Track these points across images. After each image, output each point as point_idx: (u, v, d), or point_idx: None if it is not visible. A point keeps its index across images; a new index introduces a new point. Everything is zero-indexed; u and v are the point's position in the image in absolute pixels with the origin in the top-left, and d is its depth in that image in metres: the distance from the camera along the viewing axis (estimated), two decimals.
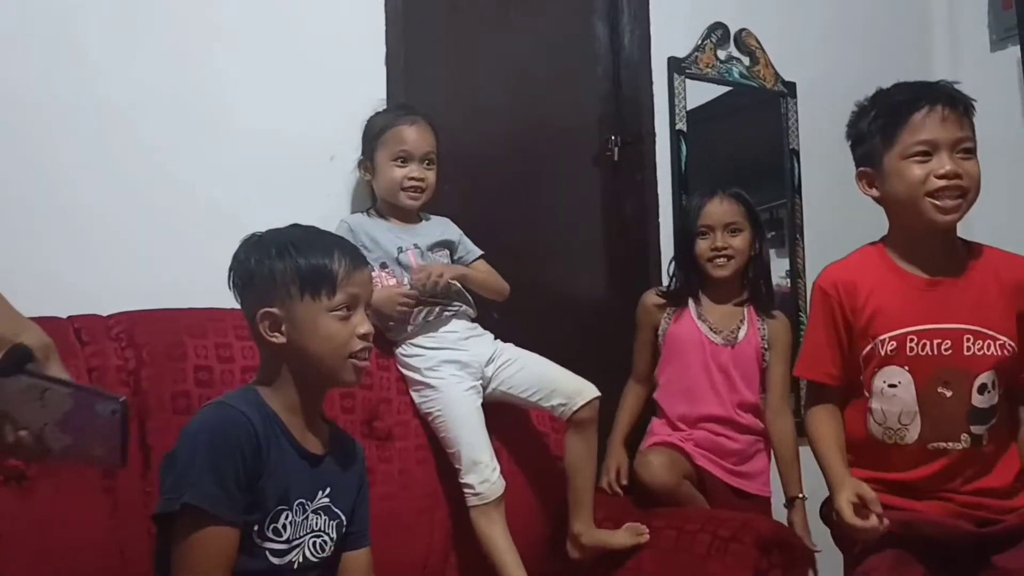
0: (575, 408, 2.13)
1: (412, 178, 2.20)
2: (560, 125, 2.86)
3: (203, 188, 2.16)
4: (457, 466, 2.07)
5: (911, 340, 1.75)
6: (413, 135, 2.21)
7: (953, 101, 1.74)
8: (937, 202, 1.71)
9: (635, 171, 2.91)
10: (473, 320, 2.24)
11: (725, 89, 3.13)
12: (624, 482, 2.46)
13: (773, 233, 3.24)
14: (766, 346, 2.48)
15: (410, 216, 2.26)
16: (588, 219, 2.92)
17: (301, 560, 1.50)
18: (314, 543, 1.53)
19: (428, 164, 2.23)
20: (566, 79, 2.89)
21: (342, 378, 1.55)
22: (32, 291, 1.31)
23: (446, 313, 2.16)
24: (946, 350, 1.73)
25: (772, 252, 3.21)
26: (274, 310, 1.50)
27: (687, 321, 2.48)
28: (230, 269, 1.57)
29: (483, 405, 2.13)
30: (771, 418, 2.48)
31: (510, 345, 2.24)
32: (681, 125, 2.99)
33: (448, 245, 2.29)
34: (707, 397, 2.44)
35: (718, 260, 2.46)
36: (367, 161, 2.26)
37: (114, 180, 2.06)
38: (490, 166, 2.70)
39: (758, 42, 3.18)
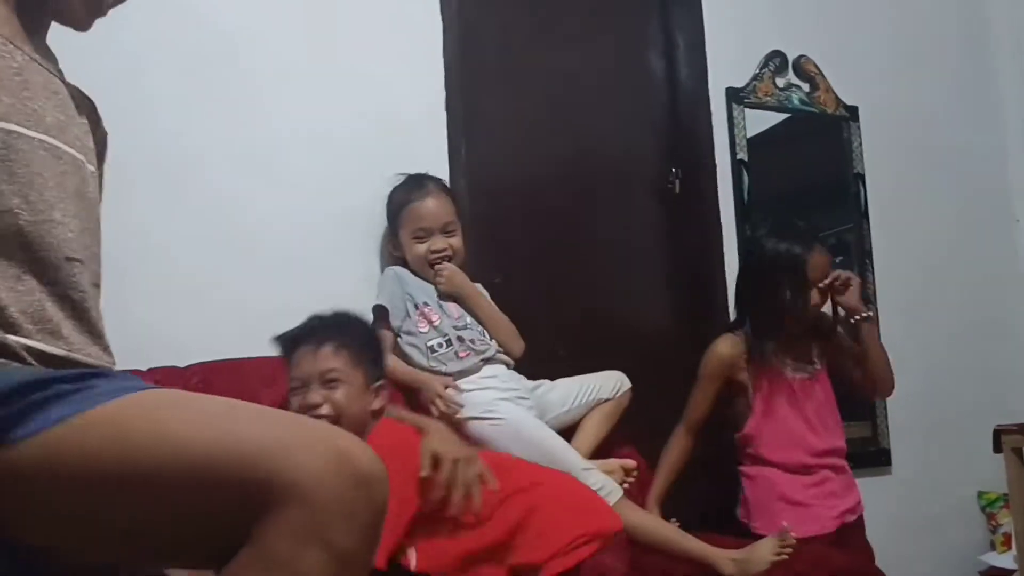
0: (617, 395, 2.31)
1: (434, 251, 2.23)
2: (619, 158, 2.87)
3: (271, 236, 2.22)
4: None
5: None
6: (427, 211, 2.24)
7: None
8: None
9: (697, 203, 2.90)
10: (510, 368, 2.26)
11: (785, 116, 3.12)
12: None
13: (841, 258, 3.20)
14: None
15: None
16: (650, 252, 2.92)
17: None
18: None
19: (449, 233, 2.26)
20: (624, 113, 2.91)
21: None
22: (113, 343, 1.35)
23: (481, 361, 2.18)
24: None
25: None
26: None
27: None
28: None
29: None
30: None
31: (545, 380, 2.31)
32: (742, 155, 2.98)
33: None
34: None
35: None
36: (394, 237, 2.30)
37: (189, 230, 2.13)
38: (549, 201, 2.71)
39: (817, 68, 3.16)
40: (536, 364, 2.31)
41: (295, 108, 2.28)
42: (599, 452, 2.24)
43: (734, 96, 3.00)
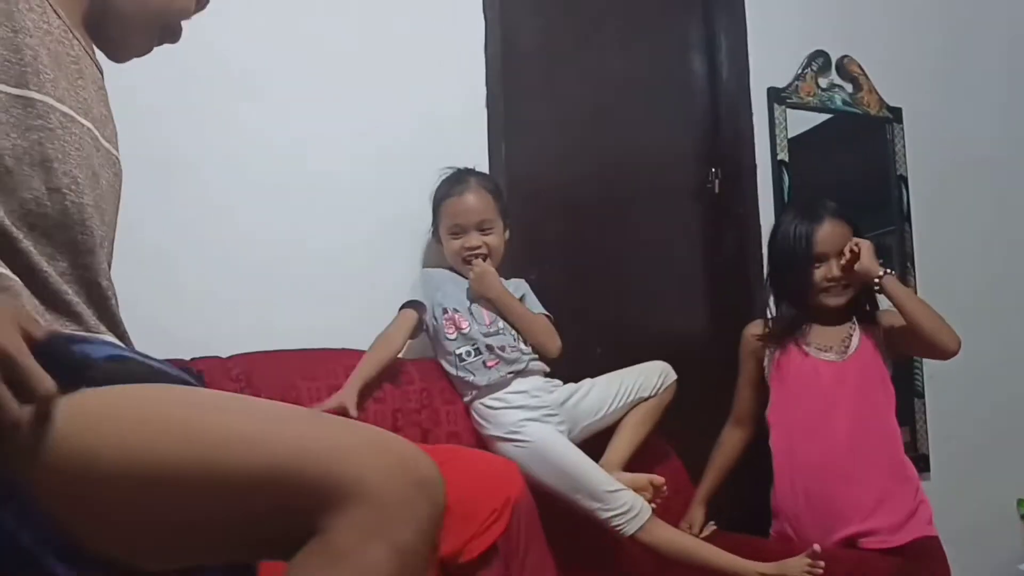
0: (660, 391, 2.27)
1: (468, 248, 2.23)
2: (659, 158, 2.86)
3: (309, 238, 2.24)
4: (593, 505, 2.04)
5: None
6: (463, 207, 2.23)
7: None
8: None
9: (736, 203, 2.89)
10: (547, 376, 2.23)
11: (827, 116, 3.09)
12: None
13: (882, 260, 3.17)
14: None
15: None
16: (689, 252, 2.91)
17: None
18: None
19: (485, 230, 2.24)
20: (664, 112, 2.90)
21: None
22: (158, 339, 1.38)
23: (510, 373, 2.15)
24: None
25: None
26: None
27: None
28: None
29: None
30: None
31: (586, 380, 2.27)
32: (783, 155, 2.96)
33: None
34: None
35: (834, 289, 2.38)
36: (436, 231, 2.31)
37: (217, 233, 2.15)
38: (587, 200, 2.72)
39: (861, 68, 3.13)
40: (573, 363, 2.31)
41: (336, 107, 2.29)
42: (640, 452, 2.23)
43: (776, 96, 2.98)
